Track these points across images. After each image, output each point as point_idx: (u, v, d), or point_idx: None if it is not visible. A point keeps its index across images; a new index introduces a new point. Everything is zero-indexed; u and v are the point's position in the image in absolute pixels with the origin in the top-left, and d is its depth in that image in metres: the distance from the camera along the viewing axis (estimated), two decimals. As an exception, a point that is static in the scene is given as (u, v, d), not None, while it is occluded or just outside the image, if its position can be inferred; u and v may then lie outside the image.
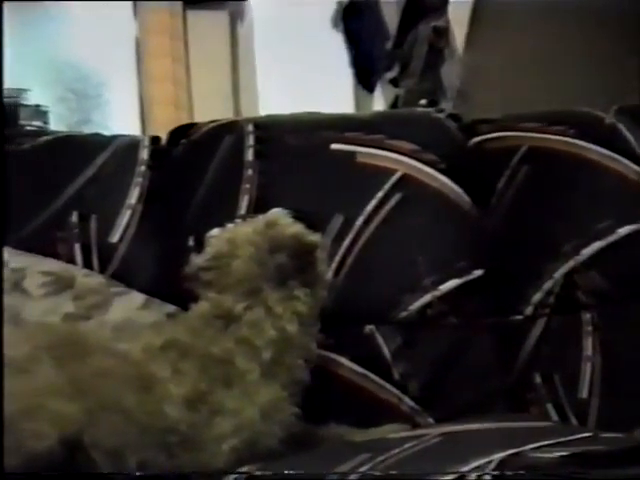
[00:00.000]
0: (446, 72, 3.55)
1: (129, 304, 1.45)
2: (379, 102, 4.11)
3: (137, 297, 1.47)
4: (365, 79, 4.18)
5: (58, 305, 1.40)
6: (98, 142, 1.64)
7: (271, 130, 1.63)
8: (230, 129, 1.63)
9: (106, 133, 1.75)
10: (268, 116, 1.72)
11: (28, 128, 3.68)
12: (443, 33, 3.52)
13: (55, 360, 1.13)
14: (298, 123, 1.67)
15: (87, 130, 4.15)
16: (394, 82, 3.84)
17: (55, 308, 1.39)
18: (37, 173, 1.58)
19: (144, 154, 1.62)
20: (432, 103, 3.47)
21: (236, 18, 4.30)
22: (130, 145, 1.64)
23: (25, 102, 3.84)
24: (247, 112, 4.22)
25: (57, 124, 4.00)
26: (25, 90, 3.90)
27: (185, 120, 3.92)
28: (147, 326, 1.39)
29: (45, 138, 1.62)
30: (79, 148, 1.63)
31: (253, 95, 4.36)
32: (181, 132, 1.67)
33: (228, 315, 1.27)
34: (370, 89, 4.18)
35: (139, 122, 4.27)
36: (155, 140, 1.66)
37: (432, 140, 1.64)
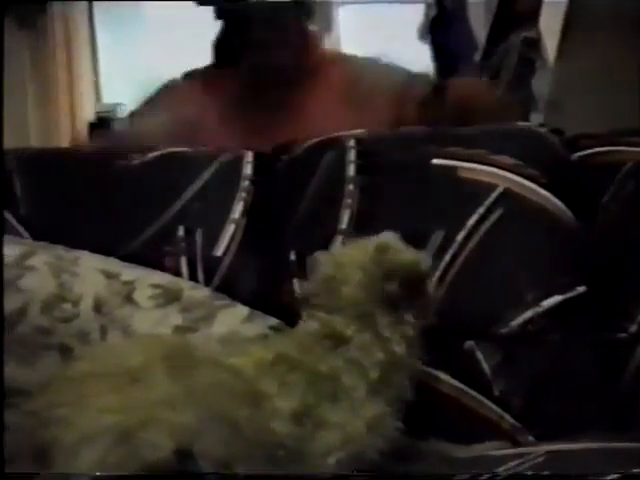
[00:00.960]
0: (537, 84, 3.50)
1: (233, 317, 1.48)
2: (466, 114, 4.08)
3: (241, 310, 1.49)
4: (452, 91, 4.14)
5: (166, 317, 1.43)
6: (203, 157, 1.67)
7: (372, 145, 1.64)
8: (332, 144, 1.65)
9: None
10: (369, 131, 1.72)
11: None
12: (534, 44, 3.47)
13: (168, 371, 1.14)
14: (399, 138, 1.68)
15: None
16: (482, 94, 3.79)
17: (164, 320, 1.42)
18: (146, 188, 1.62)
19: (248, 169, 1.65)
20: (521, 115, 3.43)
21: (322, 33, 4.33)
22: (234, 160, 1.67)
23: (120, 116, 3.95)
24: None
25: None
26: (120, 104, 4.02)
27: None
28: (252, 339, 1.41)
29: (153, 154, 1.66)
30: (185, 163, 1.67)
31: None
32: (283, 148, 1.70)
33: (338, 336, 1.28)
34: (457, 101, 4.14)
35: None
36: (258, 156, 1.69)
37: (534, 155, 1.62)
